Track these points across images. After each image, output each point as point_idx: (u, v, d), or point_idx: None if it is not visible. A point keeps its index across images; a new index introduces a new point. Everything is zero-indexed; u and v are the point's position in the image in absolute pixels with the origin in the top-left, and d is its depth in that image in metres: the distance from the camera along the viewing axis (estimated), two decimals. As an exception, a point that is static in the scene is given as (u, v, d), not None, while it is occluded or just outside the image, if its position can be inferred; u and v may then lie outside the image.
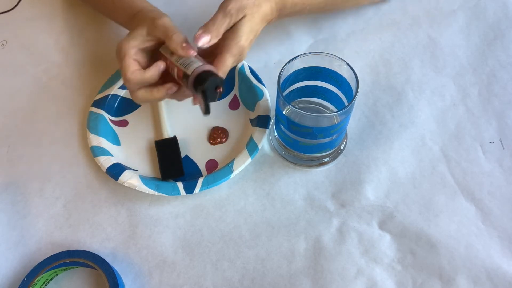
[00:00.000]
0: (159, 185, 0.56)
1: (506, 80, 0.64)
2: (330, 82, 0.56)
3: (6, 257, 0.55)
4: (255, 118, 0.61)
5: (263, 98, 0.62)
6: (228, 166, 0.57)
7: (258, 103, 0.62)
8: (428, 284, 0.51)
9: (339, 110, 0.51)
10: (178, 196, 0.57)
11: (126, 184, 0.56)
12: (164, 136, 0.61)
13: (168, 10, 0.75)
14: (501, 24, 0.69)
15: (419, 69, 0.66)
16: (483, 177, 0.57)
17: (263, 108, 0.61)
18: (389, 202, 0.56)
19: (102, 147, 0.60)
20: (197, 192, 0.56)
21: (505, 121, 0.61)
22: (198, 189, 0.56)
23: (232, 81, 0.66)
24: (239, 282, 0.52)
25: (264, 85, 0.63)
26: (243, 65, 0.65)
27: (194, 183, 0.56)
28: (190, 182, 0.57)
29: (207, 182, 0.56)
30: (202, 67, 0.49)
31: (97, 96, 0.64)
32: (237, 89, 0.65)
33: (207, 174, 0.58)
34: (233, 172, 0.56)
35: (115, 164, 0.58)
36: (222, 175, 0.56)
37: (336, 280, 0.52)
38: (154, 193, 0.56)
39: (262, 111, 0.61)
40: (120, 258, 0.55)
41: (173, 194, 0.56)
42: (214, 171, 0.58)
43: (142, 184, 0.56)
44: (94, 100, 0.64)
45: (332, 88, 0.56)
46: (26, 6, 0.77)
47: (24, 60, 0.71)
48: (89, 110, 0.63)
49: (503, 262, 0.52)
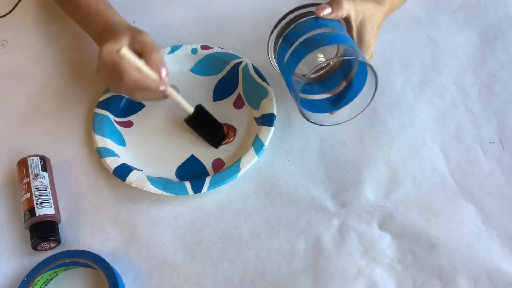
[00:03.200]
0: (167, 185, 0.56)
1: (506, 80, 0.64)
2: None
3: (6, 257, 0.55)
4: (260, 117, 0.61)
5: (267, 97, 0.62)
6: (235, 165, 0.57)
7: (263, 101, 0.62)
8: (428, 284, 0.51)
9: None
10: (179, 196, 0.57)
11: (133, 185, 0.56)
12: (190, 112, 0.60)
13: (167, 10, 0.75)
14: (501, 24, 0.69)
15: (419, 69, 0.66)
16: (483, 177, 0.57)
17: (268, 106, 0.61)
18: (389, 202, 0.56)
19: (108, 148, 0.60)
20: (204, 191, 0.56)
21: (505, 121, 0.61)
22: (205, 189, 0.56)
23: (236, 80, 0.66)
24: (239, 282, 0.52)
25: (268, 83, 0.63)
26: (247, 64, 0.65)
27: (202, 182, 0.56)
28: (198, 181, 0.56)
29: (214, 181, 0.56)
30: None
31: (102, 97, 0.64)
32: (241, 88, 0.65)
33: (214, 173, 0.58)
34: (240, 170, 0.56)
35: (122, 165, 0.58)
36: (230, 174, 0.56)
37: (336, 280, 0.52)
38: (162, 193, 0.56)
39: (267, 109, 0.61)
40: (120, 258, 0.55)
41: (180, 194, 0.56)
42: (221, 170, 0.58)
43: (150, 185, 0.56)
44: (99, 101, 0.64)
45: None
46: (26, 6, 0.77)
47: (24, 60, 0.71)
48: (94, 111, 0.63)
49: (503, 262, 0.52)
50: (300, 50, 0.53)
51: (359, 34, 0.57)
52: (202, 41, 0.70)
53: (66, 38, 0.73)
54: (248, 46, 0.69)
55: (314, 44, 0.52)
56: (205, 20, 0.73)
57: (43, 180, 0.57)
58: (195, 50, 0.67)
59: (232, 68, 0.66)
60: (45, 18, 0.73)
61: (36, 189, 0.56)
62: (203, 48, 0.67)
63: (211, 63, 0.67)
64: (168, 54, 0.67)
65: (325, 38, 0.52)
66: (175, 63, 0.67)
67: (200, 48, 0.67)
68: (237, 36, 0.71)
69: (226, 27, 0.72)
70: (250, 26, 0.72)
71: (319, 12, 0.53)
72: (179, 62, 0.67)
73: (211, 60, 0.67)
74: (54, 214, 0.56)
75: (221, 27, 0.72)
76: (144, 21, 0.73)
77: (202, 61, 0.67)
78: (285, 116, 0.63)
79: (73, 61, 0.71)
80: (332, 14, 0.54)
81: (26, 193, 0.56)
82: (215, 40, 0.70)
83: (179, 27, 0.73)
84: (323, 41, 0.52)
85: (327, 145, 0.60)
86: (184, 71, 0.67)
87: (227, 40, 0.70)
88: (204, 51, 0.67)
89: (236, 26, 0.72)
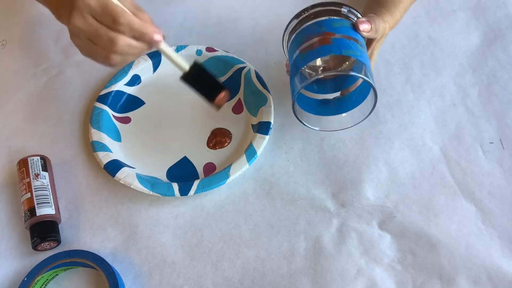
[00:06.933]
0: (155, 185, 0.56)
1: (506, 80, 0.64)
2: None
3: (6, 257, 0.55)
4: (257, 124, 0.61)
5: (266, 104, 0.62)
6: (225, 170, 0.57)
7: (261, 109, 0.62)
8: (428, 284, 0.51)
9: None
10: (179, 196, 0.56)
11: (122, 182, 0.56)
12: (185, 69, 0.54)
13: (167, 10, 0.75)
14: (501, 24, 0.69)
15: (419, 69, 0.66)
16: (483, 177, 0.57)
17: (266, 114, 0.61)
18: (389, 202, 0.56)
19: (102, 142, 0.60)
20: (191, 194, 0.56)
21: (505, 121, 0.61)
22: (193, 192, 0.56)
23: (237, 85, 0.66)
24: (239, 282, 0.52)
25: (269, 91, 0.63)
26: (250, 69, 0.65)
27: (190, 185, 0.56)
28: (186, 184, 0.56)
29: (202, 186, 0.56)
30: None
31: (102, 92, 0.64)
32: (242, 93, 0.65)
33: (203, 177, 0.58)
34: (229, 177, 0.56)
35: (114, 160, 0.59)
36: (218, 180, 0.56)
37: (336, 280, 0.52)
38: (149, 192, 0.56)
39: (264, 117, 0.61)
40: (120, 258, 0.55)
41: (167, 195, 0.56)
42: (210, 175, 0.58)
43: (138, 183, 0.56)
44: (99, 95, 0.64)
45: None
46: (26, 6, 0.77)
47: (24, 60, 0.71)
48: (93, 105, 0.63)
49: (503, 262, 0.52)
50: (333, 47, 0.52)
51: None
52: (202, 41, 0.70)
53: (66, 38, 0.73)
54: (248, 46, 0.70)
55: (345, 49, 0.51)
56: (205, 20, 0.73)
57: (44, 180, 0.57)
58: (199, 52, 0.67)
59: (235, 72, 0.66)
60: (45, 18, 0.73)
61: (36, 189, 0.56)
62: (208, 50, 0.67)
63: (214, 65, 0.67)
64: None
65: (357, 50, 0.52)
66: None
67: (205, 50, 0.67)
68: (237, 36, 0.71)
69: (226, 27, 0.72)
70: (250, 26, 0.72)
71: (358, 26, 0.53)
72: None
73: (215, 62, 0.67)
74: (54, 214, 0.56)
75: (221, 27, 0.72)
76: (144, 21, 0.73)
77: (206, 63, 0.67)
78: (285, 116, 0.63)
79: (73, 61, 0.71)
80: (368, 33, 0.54)
81: (26, 193, 0.56)
82: (215, 40, 0.70)
83: (179, 27, 0.73)
84: (354, 51, 0.51)
85: (327, 145, 0.60)
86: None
87: (227, 40, 0.70)
88: (208, 53, 0.67)
89: (236, 26, 0.72)
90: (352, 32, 0.53)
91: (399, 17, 0.60)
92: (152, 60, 0.67)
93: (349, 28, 0.53)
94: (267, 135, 0.59)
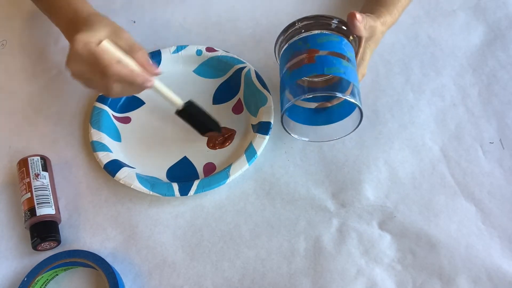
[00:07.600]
0: (155, 185, 0.56)
1: (506, 80, 0.64)
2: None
3: (6, 257, 0.55)
4: (257, 124, 0.61)
5: (266, 104, 0.62)
6: (225, 170, 0.57)
7: (261, 109, 0.62)
8: (428, 284, 0.51)
9: None
10: (179, 196, 0.56)
11: (122, 182, 0.56)
12: (179, 104, 0.58)
13: (167, 10, 0.75)
14: (501, 24, 0.69)
15: (419, 69, 0.66)
16: (483, 177, 0.57)
17: (266, 114, 0.61)
18: (389, 202, 0.56)
19: (102, 142, 0.60)
20: (191, 194, 0.56)
21: (505, 121, 0.61)
22: (193, 192, 0.56)
23: (237, 85, 0.66)
24: (239, 282, 0.52)
25: (269, 91, 0.63)
26: (250, 69, 0.65)
27: (190, 185, 0.56)
28: (186, 184, 0.56)
29: (202, 186, 0.56)
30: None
31: None
32: (242, 94, 0.65)
33: (203, 177, 0.58)
34: (229, 177, 0.56)
35: (113, 160, 0.59)
36: (218, 180, 0.56)
37: (336, 280, 0.52)
38: (149, 192, 0.56)
39: (264, 117, 0.61)
40: (120, 258, 0.55)
41: (167, 195, 0.56)
42: (210, 175, 0.58)
43: (138, 183, 0.56)
44: (99, 95, 0.64)
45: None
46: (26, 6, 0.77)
47: (24, 60, 0.71)
48: (93, 105, 0.63)
49: (503, 262, 0.52)
50: (316, 65, 0.52)
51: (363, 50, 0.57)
52: (202, 41, 0.70)
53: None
54: (248, 46, 0.69)
55: (328, 67, 0.51)
56: (205, 20, 0.73)
57: (44, 180, 0.57)
58: (199, 52, 0.67)
59: (235, 72, 0.66)
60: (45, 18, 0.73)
61: (36, 189, 0.56)
62: (208, 50, 0.67)
63: (214, 66, 0.67)
64: (172, 53, 0.67)
65: (341, 67, 0.51)
66: (179, 63, 0.67)
67: (205, 50, 0.67)
68: (237, 36, 0.71)
69: (226, 27, 0.72)
70: (250, 26, 0.72)
71: (351, 18, 0.53)
72: (183, 63, 0.67)
73: (215, 63, 0.67)
74: (54, 214, 0.56)
75: (221, 27, 0.72)
76: (144, 21, 0.74)
77: (206, 63, 0.67)
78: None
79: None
80: (359, 24, 0.54)
81: (26, 193, 0.56)
82: (215, 40, 0.70)
83: (179, 27, 0.73)
84: (337, 69, 0.51)
85: (327, 145, 0.60)
86: (187, 72, 0.67)
87: (227, 40, 0.70)
88: (208, 53, 0.67)
89: (236, 26, 0.72)
90: (338, 47, 0.53)
91: (397, 16, 0.60)
92: (152, 60, 0.67)
93: (335, 43, 0.53)
94: (267, 135, 0.59)
